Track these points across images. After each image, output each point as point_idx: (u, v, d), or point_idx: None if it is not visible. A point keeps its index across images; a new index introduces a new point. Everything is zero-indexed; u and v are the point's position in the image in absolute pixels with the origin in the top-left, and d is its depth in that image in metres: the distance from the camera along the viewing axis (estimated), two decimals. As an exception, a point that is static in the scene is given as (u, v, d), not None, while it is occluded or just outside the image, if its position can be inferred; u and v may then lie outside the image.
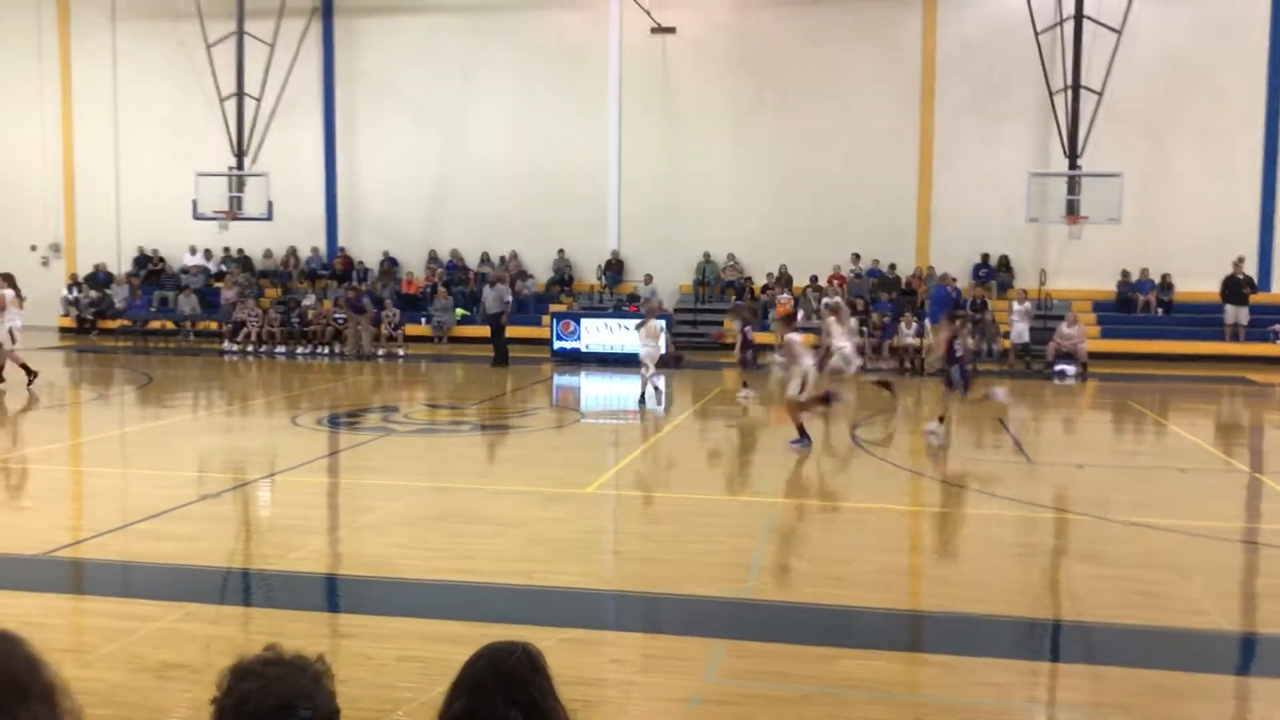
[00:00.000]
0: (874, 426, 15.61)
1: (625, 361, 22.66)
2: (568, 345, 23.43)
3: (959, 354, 13.90)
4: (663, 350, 16.86)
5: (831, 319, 16.67)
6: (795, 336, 13.72)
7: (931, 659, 6.47)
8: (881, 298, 25.10)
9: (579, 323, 23.61)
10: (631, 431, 15.38)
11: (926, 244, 26.45)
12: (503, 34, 27.91)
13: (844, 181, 26.38)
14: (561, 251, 27.85)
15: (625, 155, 27.58)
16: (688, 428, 15.49)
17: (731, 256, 27.05)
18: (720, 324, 22.18)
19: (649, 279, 26.51)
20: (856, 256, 26.30)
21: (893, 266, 26.10)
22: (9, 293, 18.05)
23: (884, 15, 26.30)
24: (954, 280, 23.72)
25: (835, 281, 25.34)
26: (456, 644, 6.10)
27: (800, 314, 24.37)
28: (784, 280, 25.97)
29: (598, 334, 23.40)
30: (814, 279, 25.49)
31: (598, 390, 20.37)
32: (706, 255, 27.12)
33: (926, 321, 22.97)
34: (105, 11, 29.68)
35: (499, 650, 2.41)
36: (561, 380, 21.08)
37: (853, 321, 17.11)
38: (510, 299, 24.01)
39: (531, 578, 7.69)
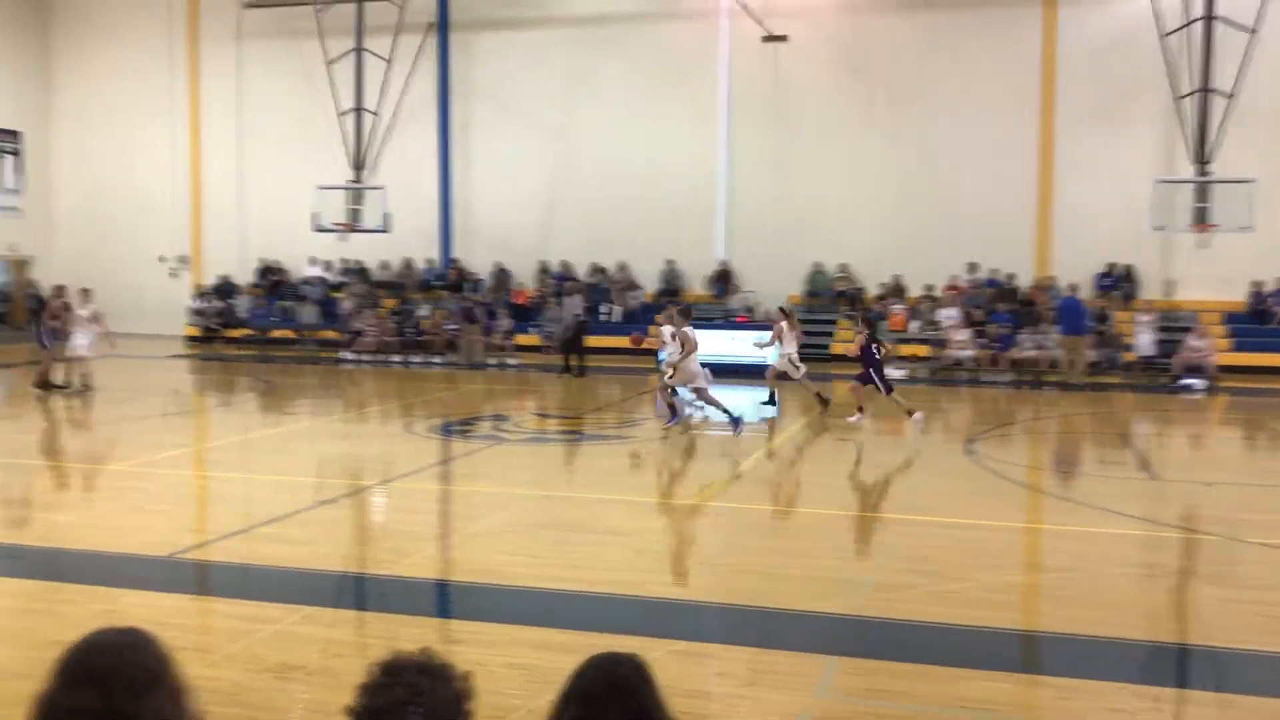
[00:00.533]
0: (991, 440, 15.22)
1: (734, 372, 22.54)
2: (676, 355, 23.37)
3: (877, 356, 15.72)
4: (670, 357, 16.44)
5: (783, 324, 17.35)
6: (689, 331, 15.23)
7: (1051, 681, 6.25)
8: (999, 308, 24.49)
9: (687, 333, 23.55)
10: (742, 443, 15.28)
11: (1047, 253, 25.73)
12: (613, 45, 28.13)
13: (960, 189, 25.85)
14: (671, 262, 27.89)
15: (734, 165, 27.51)
16: (800, 441, 15.33)
17: (843, 266, 26.74)
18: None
19: (737, 287, 26.34)
20: (973, 266, 25.74)
21: (1011, 276, 25.47)
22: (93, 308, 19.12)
23: (1002, 20, 25.73)
24: (1078, 290, 22.97)
25: (951, 291, 24.83)
26: (564, 653, 6.13)
27: (915, 324, 23.97)
28: (897, 290, 25.57)
29: (705, 344, 23.27)
30: (929, 289, 25.02)
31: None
32: (817, 265, 26.86)
33: (1054, 334, 22.28)
34: (231, 31, 30.82)
35: (608, 660, 2.41)
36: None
37: (799, 332, 18.18)
38: (581, 311, 24.48)
39: (639, 588, 7.68)
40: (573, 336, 23.55)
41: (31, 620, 7.04)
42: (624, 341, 26.19)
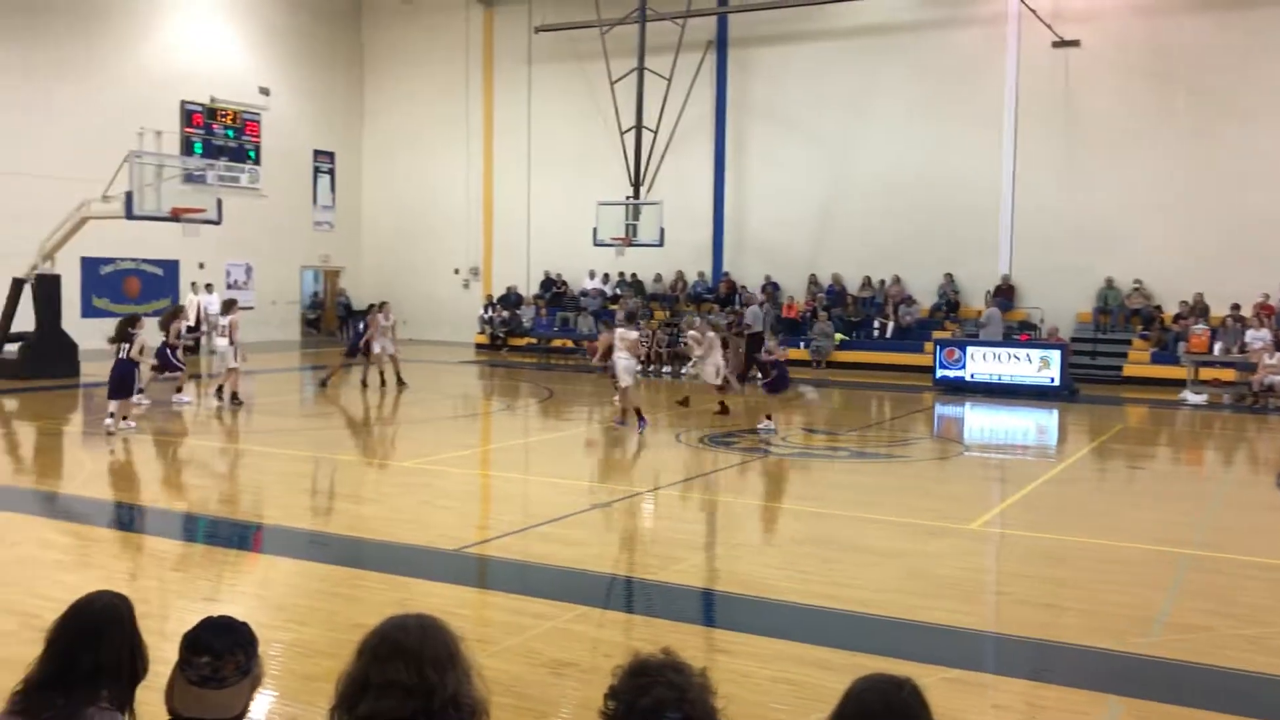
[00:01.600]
0: (1306, 475, 13.81)
1: (1014, 392, 21.60)
2: (951, 374, 22.67)
3: (775, 360, 17.17)
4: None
5: (711, 334, 17.94)
6: (622, 332, 16.83)
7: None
8: (1321, 330, 22.20)
9: (964, 350, 22.79)
10: (1021, 467, 14.62)
11: (1377, 269, 23.15)
12: (894, 55, 27.62)
13: (1273, 199, 23.66)
14: (949, 276, 27.05)
15: (1020, 175, 26.35)
16: (1085, 466, 14.48)
17: (1138, 282, 25.08)
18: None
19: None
20: (1288, 283, 23.48)
21: (1334, 295, 23.07)
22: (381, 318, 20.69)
23: (1328, 13, 23.40)
24: None
25: (1261, 311, 22.76)
26: (830, 671, 6.05)
27: (1219, 346, 22.21)
28: (1199, 309, 23.70)
29: (984, 362, 22.47)
30: (1235, 308, 23.03)
31: (984, 422, 19.55)
32: (1109, 281, 25.30)
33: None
34: (523, 56, 32.48)
35: (886, 683, 2.31)
36: (944, 410, 20.42)
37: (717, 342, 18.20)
38: (765, 319, 24.47)
39: (909, 611, 7.47)
40: (756, 342, 23.67)
41: (335, 603, 7.64)
42: (895, 358, 25.73)
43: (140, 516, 10.64)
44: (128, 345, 15.23)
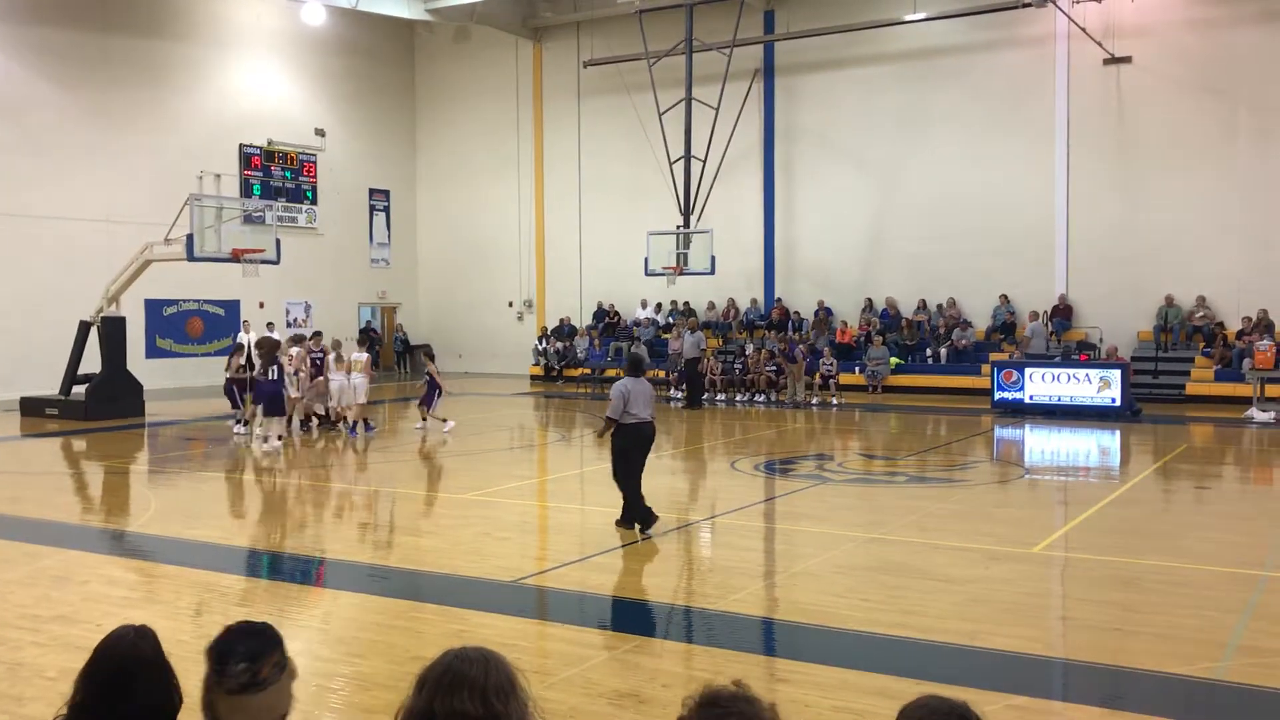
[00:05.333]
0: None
1: (1074, 413, 21.31)
2: (1010, 396, 22.39)
3: (435, 380, 19.90)
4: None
5: (330, 356, 19.72)
6: (360, 356, 19.89)
7: None
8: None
9: (1023, 372, 22.50)
10: (1084, 490, 14.39)
11: None
12: (942, 78, 27.53)
13: (1339, 212, 23.19)
14: (1004, 297, 26.77)
15: (1074, 194, 26.08)
16: (1149, 487, 14.20)
17: (1201, 300, 24.65)
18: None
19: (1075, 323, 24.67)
20: (1357, 297, 22.96)
21: (1405, 308, 22.50)
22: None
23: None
24: None
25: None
26: (893, 699, 5.95)
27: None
28: (1263, 325, 23.22)
29: (1043, 384, 22.17)
30: (1301, 323, 22.55)
31: (1044, 444, 19.27)
32: (1169, 299, 24.89)
33: None
34: (571, 89, 32.80)
35: (941, 705, 2.27)
36: (1003, 433, 20.16)
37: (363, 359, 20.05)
38: (705, 345, 24.86)
39: (974, 638, 7.35)
40: (695, 370, 24.86)
41: (394, 636, 7.69)
42: (951, 381, 25.46)
43: (204, 552, 10.79)
44: (276, 367, 17.38)
